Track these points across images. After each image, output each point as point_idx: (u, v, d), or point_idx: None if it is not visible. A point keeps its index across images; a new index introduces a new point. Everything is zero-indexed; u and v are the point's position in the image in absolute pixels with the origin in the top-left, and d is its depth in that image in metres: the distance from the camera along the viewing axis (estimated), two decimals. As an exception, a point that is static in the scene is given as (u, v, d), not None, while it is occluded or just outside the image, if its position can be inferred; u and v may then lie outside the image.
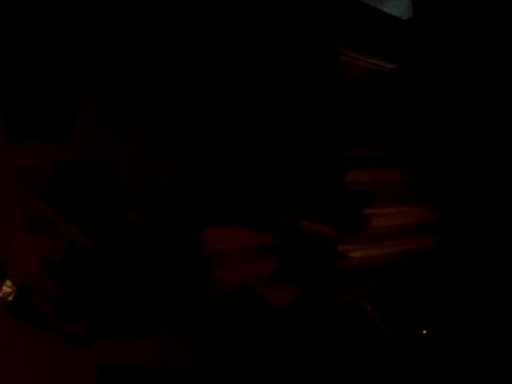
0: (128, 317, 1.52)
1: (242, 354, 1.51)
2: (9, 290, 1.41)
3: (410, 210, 1.79)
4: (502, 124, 1.82)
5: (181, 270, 1.58)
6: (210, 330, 1.59)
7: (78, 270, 1.47)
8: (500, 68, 1.85)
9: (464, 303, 1.63)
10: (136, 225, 1.63)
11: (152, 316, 1.54)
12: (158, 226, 1.66)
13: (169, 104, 1.86)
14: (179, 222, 1.69)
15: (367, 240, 1.67)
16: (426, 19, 2.27)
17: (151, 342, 1.54)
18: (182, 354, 1.54)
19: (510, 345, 1.48)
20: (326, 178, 1.77)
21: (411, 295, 1.64)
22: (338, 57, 2.51)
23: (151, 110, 1.82)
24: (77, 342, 1.43)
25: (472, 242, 1.74)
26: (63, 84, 1.62)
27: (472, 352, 1.48)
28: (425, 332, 1.59)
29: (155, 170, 1.78)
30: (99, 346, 1.49)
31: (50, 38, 1.60)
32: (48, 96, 1.59)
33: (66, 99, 1.62)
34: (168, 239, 1.62)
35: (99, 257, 1.50)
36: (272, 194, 1.80)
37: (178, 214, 1.72)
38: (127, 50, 1.77)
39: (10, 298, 1.40)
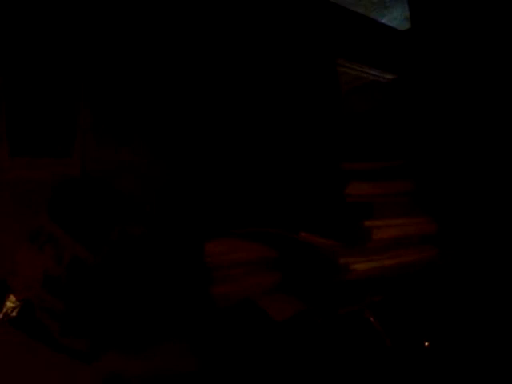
0: (130, 329, 1.52)
1: (244, 366, 1.51)
2: (12, 305, 1.41)
3: (411, 221, 1.79)
4: (502, 133, 1.83)
5: (183, 283, 1.59)
6: (211, 342, 1.59)
7: (80, 284, 1.47)
8: (499, 77, 1.87)
9: (466, 314, 1.63)
10: (138, 238, 1.64)
11: (154, 328, 1.54)
12: (160, 239, 1.67)
13: (171, 118, 1.88)
14: (182, 235, 1.69)
15: (369, 252, 1.67)
16: (424, 30, 2.29)
17: (153, 353, 1.54)
18: (184, 366, 1.54)
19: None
20: (327, 190, 1.78)
21: (414, 307, 1.64)
22: (338, 68, 2.53)
23: (152, 123, 1.84)
24: (81, 357, 1.43)
25: (474, 252, 1.74)
26: (65, 100, 1.64)
27: (474, 363, 1.49)
28: (427, 344, 1.59)
29: (157, 183, 1.79)
30: (103, 357, 1.49)
31: (53, 56, 1.61)
32: (51, 112, 1.60)
33: (68, 115, 1.64)
34: (171, 252, 1.62)
35: (102, 271, 1.50)
36: (273, 207, 1.81)
37: (180, 228, 1.73)
38: (129, 66, 1.78)
39: (14, 313, 1.40)
